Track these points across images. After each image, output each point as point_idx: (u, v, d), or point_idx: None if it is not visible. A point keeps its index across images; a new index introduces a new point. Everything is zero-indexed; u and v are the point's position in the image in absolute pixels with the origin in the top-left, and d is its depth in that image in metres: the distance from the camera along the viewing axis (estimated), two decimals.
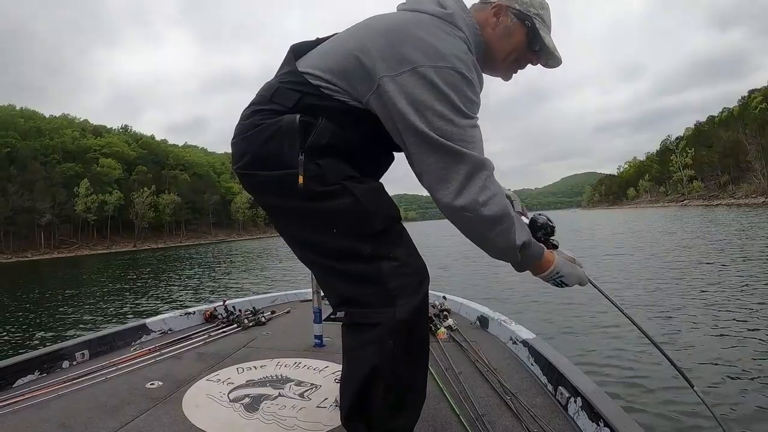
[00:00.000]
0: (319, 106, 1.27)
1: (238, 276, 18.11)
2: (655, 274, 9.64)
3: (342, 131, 1.28)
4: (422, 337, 1.28)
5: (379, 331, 1.19)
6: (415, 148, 1.20)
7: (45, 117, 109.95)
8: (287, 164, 1.25)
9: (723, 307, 6.43)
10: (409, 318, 1.18)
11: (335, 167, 1.26)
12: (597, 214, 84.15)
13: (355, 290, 1.24)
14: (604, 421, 1.41)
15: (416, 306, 1.20)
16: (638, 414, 3.42)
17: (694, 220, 31.78)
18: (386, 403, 1.23)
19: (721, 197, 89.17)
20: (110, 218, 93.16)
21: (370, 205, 1.24)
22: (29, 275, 31.15)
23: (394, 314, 1.18)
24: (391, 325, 1.18)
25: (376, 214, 1.25)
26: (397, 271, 1.21)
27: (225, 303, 3.39)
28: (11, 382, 2.09)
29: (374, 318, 1.21)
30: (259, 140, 1.29)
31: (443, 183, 1.19)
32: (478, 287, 10.15)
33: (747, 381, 3.94)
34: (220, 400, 1.92)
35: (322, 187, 1.24)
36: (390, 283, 1.20)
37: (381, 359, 1.20)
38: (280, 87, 1.32)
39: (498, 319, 2.65)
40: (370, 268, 1.22)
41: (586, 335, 5.63)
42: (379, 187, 1.33)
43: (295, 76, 1.32)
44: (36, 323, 10.10)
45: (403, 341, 1.20)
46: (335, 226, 1.25)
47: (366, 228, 1.24)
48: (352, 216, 1.24)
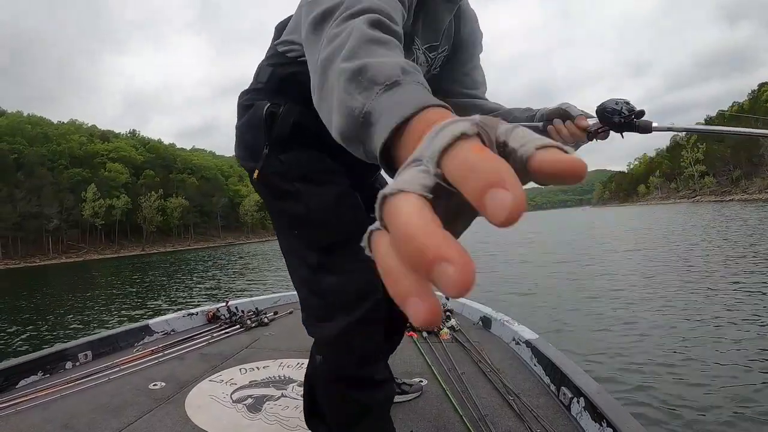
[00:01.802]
0: (287, 76, 1.24)
1: (257, 276, 18.17)
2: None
3: (308, 110, 1.24)
4: (361, 357, 1.19)
5: (313, 344, 1.20)
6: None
7: (53, 123, 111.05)
8: (255, 157, 1.24)
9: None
10: (338, 336, 1.13)
11: (297, 161, 1.23)
12: (609, 212, 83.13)
13: (304, 298, 1.23)
14: (607, 421, 1.40)
15: (347, 324, 1.12)
16: (641, 414, 3.39)
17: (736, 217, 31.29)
18: (331, 411, 1.21)
19: (733, 192, 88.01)
20: (118, 222, 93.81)
21: (318, 220, 1.19)
22: (37, 280, 31.36)
23: (323, 330, 1.16)
24: (320, 340, 1.17)
25: (324, 228, 1.19)
26: (338, 287, 1.15)
27: (228, 304, 3.40)
28: (15, 383, 2.10)
29: (311, 330, 1.20)
30: (240, 127, 1.30)
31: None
32: (480, 287, 10.13)
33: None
34: (223, 400, 1.92)
35: (283, 185, 1.22)
36: (329, 297, 1.15)
37: (312, 371, 1.22)
38: (261, 65, 1.32)
39: (501, 320, 2.64)
40: (314, 279, 1.18)
41: (589, 336, 5.60)
42: (339, 194, 1.23)
43: (271, 50, 1.31)
44: (40, 326, 10.17)
45: (334, 359, 1.16)
46: (295, 228, 1.23)
47: (313, 240, 1.20)
48: (303, 224, 1.21)
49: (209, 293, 13.89)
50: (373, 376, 1.21)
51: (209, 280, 18.62)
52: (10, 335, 9.26)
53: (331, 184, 1.23)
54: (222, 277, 19.76)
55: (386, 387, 1.26)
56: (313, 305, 1.20)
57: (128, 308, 11.98)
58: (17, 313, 12.93)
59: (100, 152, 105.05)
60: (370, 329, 1.17)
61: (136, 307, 12.35)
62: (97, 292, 17.59)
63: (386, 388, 1.26)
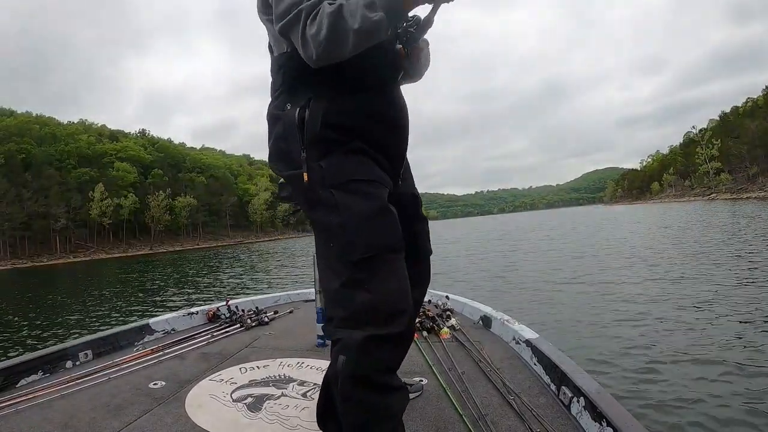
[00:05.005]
0: (296, 72, 1.29)
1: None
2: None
3: (332, 99, 1.28)
4: (387, 367, 1.22)
5: (338, 346, 1.20)
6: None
7: (62, 123, 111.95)
8: (294, 164, 1.28)
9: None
10: (365, 345, 1.14)
11: (338, 168, 1.25)
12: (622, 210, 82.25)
13: (332, 308, 1.24)
14: (607, 420, 1.38)
15: (377, 337, 1.15)
16: (641, 414, 3.38)
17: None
18: (346, 414, 1.21)
19: (750, 190, 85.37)
20: (126, 222, 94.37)
21: (351, 233, 1.20)
22: (43, 279, 31.59)
23: (351, 335, 1.16)
24: (347, 344, 1.17)
25: (358, 242, 1.19)
26: (369, 303, 1.16)
27: (228, 303, 3.41)
28: (15, 382, 2.11)
29: (336, 333, 1.21)
30: (274, 140, 1.36)
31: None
32: (481, 287, 10.12)
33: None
34: (223, 400, 1.92)
35: (322, 193, 1.24)
36: (360, 314, 1.17)
37: (332, 372, 1.22)
38: (272, 77, 1.39)
39: (501, 319, 2.62)
40: (344, 292, 1.19)
41: (589, 335, 5.58)
42: (377, 207, 1.24)
43: (271, 60, 1.40)
44: (41, 325, 10.25)
45: (354, 366, 1.16)
46: (330, 240, 1.25)
47: (345, 253, 1.20)
48: (337, 237, 1.23)
49: (209, 293, 13.97)
50: (391, 383, 1.22)
51: (211, 279, 18.72)
52: (11, 334, 9.36)
53: (369, 195, 1.24)
54: (223, 276, 19.86)
55: (401, 394, 1.26)
56: (342, 316, 1.20)
57: (129, 308, 12.06)
58: (20, 312, 13.04)
59: (109, 152, 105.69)
60: (398, 344, 1.20)
61: (136, 306, 12.44)
62: (101, 292, 17.72)
63: (401, 395, 1.26)
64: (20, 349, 7.73)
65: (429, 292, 3.56)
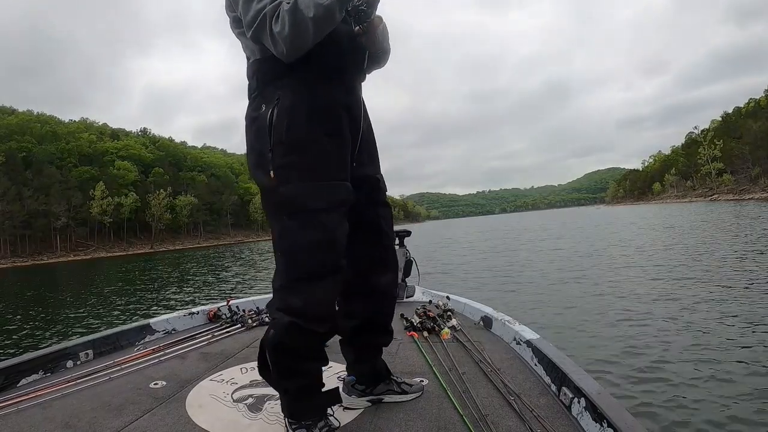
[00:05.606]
0: (265, 74, 1.47)
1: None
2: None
3: (298, 94, 1.43)
4: (296, 348, 1.47)
5: (272, 323, 1.53)
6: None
7: (63, 121, 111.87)
8: (265, 165, 1.44)
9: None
10: (289, 328, 1.43)
11: (292, 194, 1.41)
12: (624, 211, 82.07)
13: (274, 293, 1.51)
14: (608, 421, 1.38)
15: (300, 327, 1.43)
16: (642, 415, 3.38)
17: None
18: (274, 367, 1.49)
19: (752, 191, 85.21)
20: (127, 220, 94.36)
21: (293, 258, 1.43)
22: (44, 278, 31.61)
23: (283, 318, 1.44)
24: (278, 323, 1.47)
25: (298, 266, 1.43)
26: (299, 309, 1.42)
27: (229, 303, 3.40)
28: (15, 382, 2.11)
29: (273, 314, 1.52)
30: (248, 138, 1.51)
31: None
32: (481, 287, 10.12)
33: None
34: (224, 400, 1.91)
35: (276, 214, 1.46)
36: (290, 309, 1.43)
37: (264, 339, 1.52)
38: (248, 83, 1.56)
39: (501, 320, 2.61)
40: (282, 292, 1.46)
41: (590, 336, 5.58)
42: (315, 241, 1.41)
43: (247, 67, 1.57)
44: (43, 325, 10.25)
45: (277, 341, 1.45)
46: (278, 250, 1.48)
47: (287, 269, 1.46)
48: (283, 252, 1.47)
49: (210, 293, 13.96)
50: (305, 354, 1.50)
51: (212, 279, 18.71)
52: (12, 333, 9.36)
53: (315, 227, 1.41)
54: (224, 275, 19.85)
55: (316, 361, 1.55)
56: (278, 306, 1.46)
57: (129, 307, 12.05)
58: (21, 311, 13.04)
59: (110, 150, 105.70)
60: (315, 337, 1.49)
61: (137, 305, 12.43)
62: (102, 291, 17.72)
63: (316, 362, 1.55)
64: (21, 349, 7.74)
65: (429, 293, 3.56)
